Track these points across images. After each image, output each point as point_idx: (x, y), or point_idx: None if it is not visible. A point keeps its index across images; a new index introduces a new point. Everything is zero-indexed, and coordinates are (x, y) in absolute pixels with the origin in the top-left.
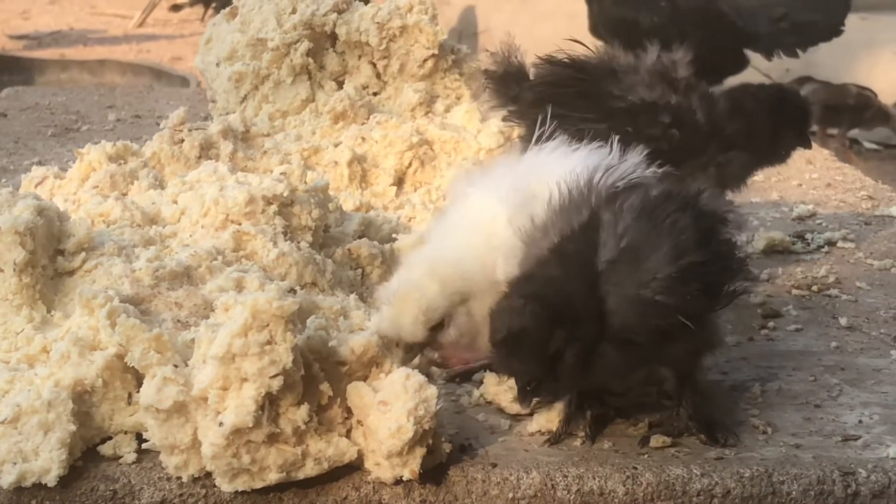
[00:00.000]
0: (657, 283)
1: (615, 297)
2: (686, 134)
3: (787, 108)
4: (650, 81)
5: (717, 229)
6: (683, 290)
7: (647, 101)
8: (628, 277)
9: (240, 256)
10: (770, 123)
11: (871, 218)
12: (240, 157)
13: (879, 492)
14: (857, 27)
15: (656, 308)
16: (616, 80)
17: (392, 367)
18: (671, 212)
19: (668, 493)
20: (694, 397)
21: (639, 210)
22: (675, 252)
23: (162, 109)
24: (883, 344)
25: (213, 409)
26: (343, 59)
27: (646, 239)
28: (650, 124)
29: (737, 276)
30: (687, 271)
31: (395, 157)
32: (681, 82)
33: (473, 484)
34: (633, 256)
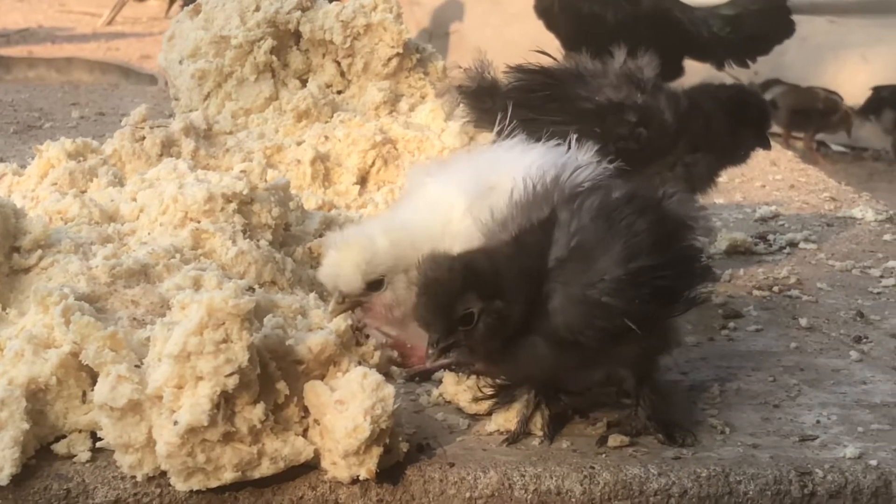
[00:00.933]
0: (604, 285)
1: (561, 296)
2: (653, 133)
3: (746, 107)
4: (617, 83)
5: (678, 234)
6: (632, 294)
7: (613, 101)
8: (576, 277)
9: (198, 254)
10: (729, 123)
11: (834, 219)
12: (202, 155)
13: (836, 492)
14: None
15: (602, 310)
16: (583, 83)
17: (350, 366)
18: (628, 214)
19: (625, 493)
20: (652, 397)
21: (597, 211)
22: (627, 254)
23: (126, 107)
24: (842, 345)
25: (168, 407)
26: (307, 58)
27: (599, 240)
28: (617, 124)
29: (697, 283)
30: (637, 275)
31: (358, 156)
32: (647, 83)
33: (431, 483)
34: (584, 256)
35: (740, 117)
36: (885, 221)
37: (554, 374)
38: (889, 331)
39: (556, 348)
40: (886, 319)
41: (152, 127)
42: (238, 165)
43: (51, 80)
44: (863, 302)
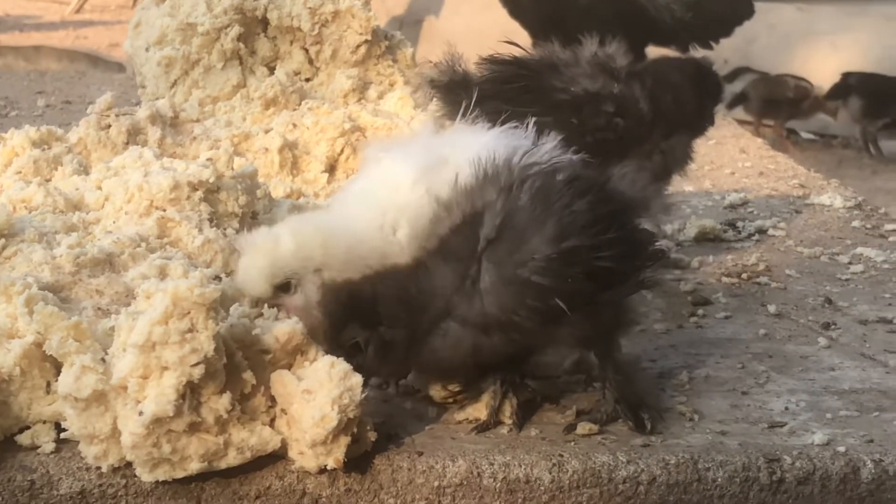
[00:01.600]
0: (535, 264)
1: (492, 276)
2: (630, 122)
3: (707, 80)
4: (592, 72)
5: (622, 215)
6: (564, 273)
7: (590, 91)
8: (507, 256)
9: (164, 243)
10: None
11: (802, 206)
12: (168, 143)
13: (804, 478)
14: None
15: (533, 289)
16: (558, 74)
17: (317, 354)
18: (567, 194)
19: (593, 481)
20: (617, 378)
21: (536, 191)
22: (559, 234)
23: (93, 95)
24: (811, 331)
25: (133, 398)
26: (275, 45)
27: (532, 220)
28: (594, 115)
29: (647, 265)
30: (570, 254)
31: (326, 144)
32: (621, 71)
33: (399, 472)
34: (515, 236)
35: (705, 89)
36: (854, 208)
37: (484, 358)
38: (857, 317)
39: (486, 331)
40: (854, 306)
41: (118, 115)
42: (205, 153)
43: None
44: (831, 288)
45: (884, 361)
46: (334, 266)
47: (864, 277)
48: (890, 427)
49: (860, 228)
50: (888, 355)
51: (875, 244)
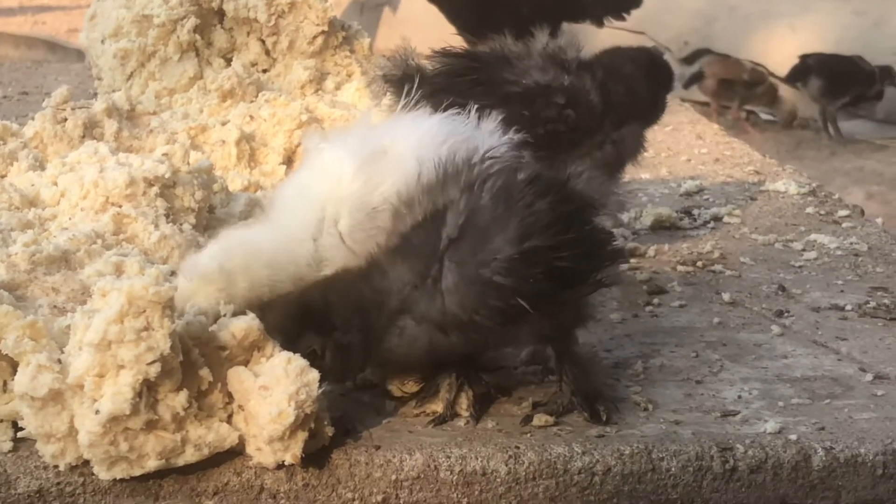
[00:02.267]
0: (497, 264)
1: (454, 275)
2: (581, 114)
3: (657, 69)
4: (543, 65)
5: (582, 216)
6: (526, 273)
7: (541, 83)
8: (470, 256)
9: (120, 240)
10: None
11: (757, 193)
12: (125, 136)
13: (756, 467)
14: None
15: (495, 289)
16: (510, 66)
17: (274, 350)
18: (529, 194)
19: (549, 472)
20: (574, 370)
21: (498, 190)
22: (521, 234)
23: (50, 86)
24: (764, 319)
25: (90, 396)
26: (231, 36)
27: (495, 219)
28: (546, 106)
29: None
30: (532, 254)
31: (284, 136)
32: (572, 63)
33: (356, 466)
34: (478, 236)
35: (657, 79)
36: (808, 194)
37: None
38: (810, 304)
39: (445, 330)
40: (808, 293)
41: (74, 108)
42: (160, 148)
43: None
44: (785, 276)
45: (836, 349)
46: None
47: (817, 264)
48: (841, 414)
49: (814, 215)
50: (840, 342)
51: (829, 230)
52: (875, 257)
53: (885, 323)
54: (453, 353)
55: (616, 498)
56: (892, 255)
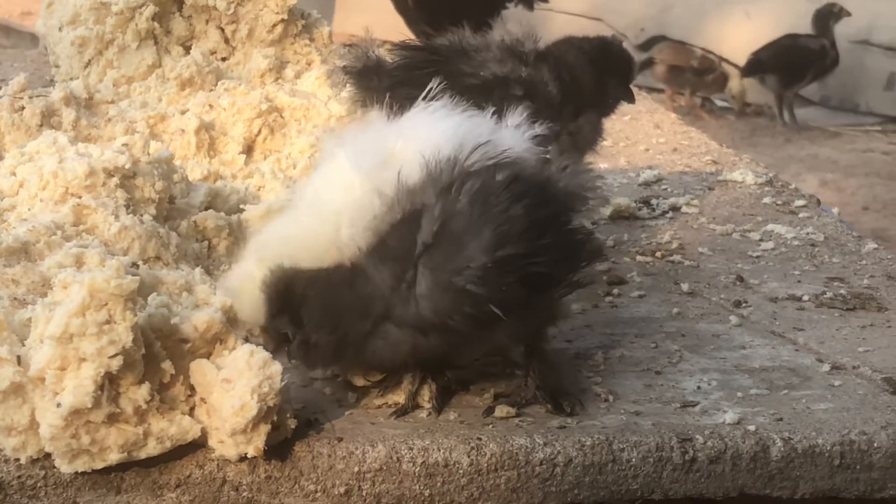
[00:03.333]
0: (470, 273)
1: (428, 281)
2: (539, 105)
3: (609, 58)
4: (501, 57)
5: (559, 219)
6: (499, 282)
7: (499, 75)
8: (444, 263)
9: (80, 231)
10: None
11: (715, 183)
12: (83, 125)
13: (716, 457)
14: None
15: (468, 297)
16: (468, 59)
17: (237, 343)
18: (505, 199)
19: (511, 463)
20: (542, 367)
21: (475, 195)
22: (495, 242)
23: (6, 72)
24: (722, 309)
25: (51, 389)
26: (190, 24)
27: (470, 225)
28: (504, 98)
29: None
30: (505, 263)
31: (243, 125)
32: (529, 55)
33: (319, 458)
34: (453, 242)
35: (604, 67)
36: (765, 184)
37: (420, 359)
38: (767, 295)
39: (423, 333)
40: (765, 283)
41: (31, 97)
42: (120, 138)
43: None
44: (742, 266)
45: (793, 339)
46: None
47: (774, 254)
48: (799, 405)
49: (771, 205)
50: (797, 333)
51: (785, 220)
52: (831, 247)
53: (842, 313)
54: (435, 354)
55: (577, 488)
56: (847, 245)
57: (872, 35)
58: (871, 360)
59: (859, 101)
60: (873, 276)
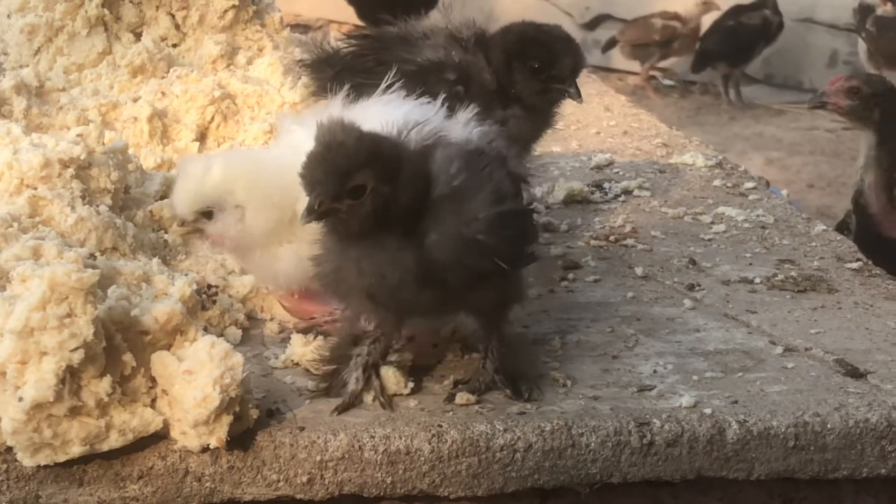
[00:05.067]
0: (478, 224)
1: (436, 234)
2: (474, 90)
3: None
4: (439, 43)
5: (520, 190)
6: (502, 234)
7: (433, 60)
8: (452, 215)
9: (36, 222)
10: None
11: (666, 166)
12: (34, 114)
13: (673, 441)
14: None
15: (476, 247)
16: (408, 46)
17: (197, 334)
18: (490, 163)
19: (472, 450)
20: (501, 350)
21: (462, 157)
22: (496, 197)
23: None
24: (676, 293)
25: (12, 383)
26: (140, 10)
27: (470, 182)
28: (437, 83)
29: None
30: (506, 217)
31: (196, 112)
32: (468, 41)
33: (281, 448)
34: (460, 196)
35: (526, 59)
36: (715, 167)
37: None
38: (720, 278)
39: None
40: (717, 266)
41: None
42: (74, 129)
43: None
44: (695, 249)
45: (746, 322)
46: (254, 205)
47: (725, 237)
48: (753, 387)
49: (721, 187)
50: (750, 315)
51: (736, 203)
52: (781, 229)
53: (793, 295)
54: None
55: (537, 473)
56: (797, 227)
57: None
58: (822, 341)
59: (802, 78)
60: (823, 258)
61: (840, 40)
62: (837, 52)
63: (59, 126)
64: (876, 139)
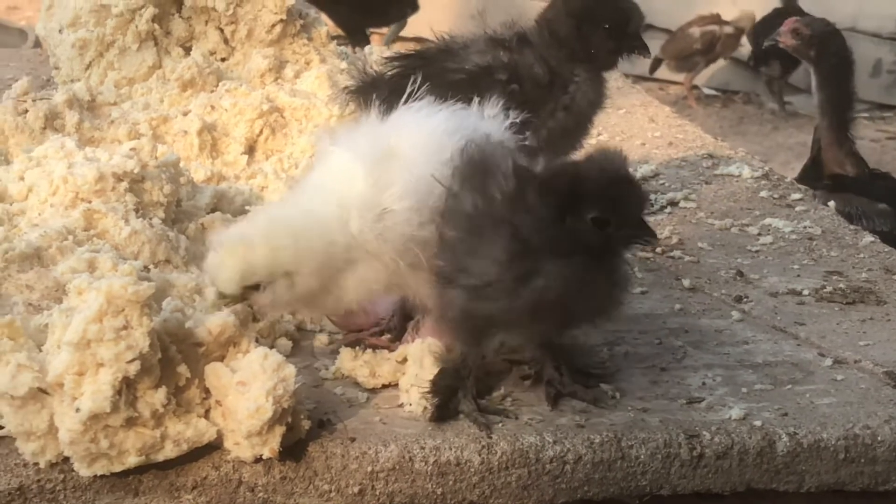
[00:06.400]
0: None
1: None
2: (528, 87)
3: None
4: (483, 49)
5: None
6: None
7: (481, 65)
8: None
9: (91, 235)
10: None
11: (712, 177)
12: (86, 128)
13: (723, 453)
14: None
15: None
16: (451, 56)
17: (250, 346)
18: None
19: (522, 461)
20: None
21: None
22: None
23: (1, 72)
24: (724, 304)
25: (70, 394)
26: (189, 25)
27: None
28: (490, 86)
29: None
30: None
31: (245, 126)
32: (511, 41)
33: (332, 459)
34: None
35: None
36: (761, 178)
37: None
38: (768, 289)
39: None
40: (765, 278)
41: (35, 100)
42: (127, 143)
43: None
44: (742, 261)
45: (795, 333)
46: (304, 270)
47: (773, 248)
48: (802, 399)
49: (768, 198)
50: (798, 327)
51: (783, 214)
52: (829, 241)
53: (842, 307)
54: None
55: (587, 485)
56: (844, 238)
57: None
58: (872, 353)
59: None
60: (871, 270)
61: (884, 49)
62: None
63: (111, 140)
64: (817, 79)
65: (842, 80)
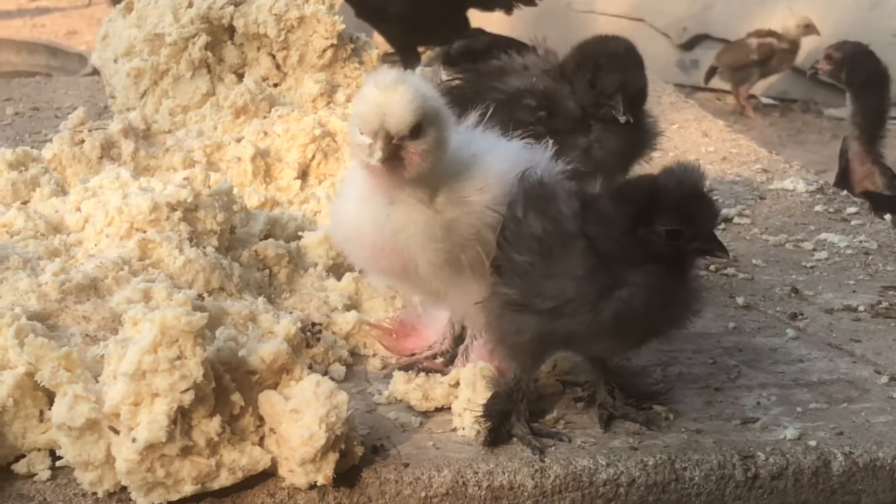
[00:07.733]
0: None
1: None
2: (559, 116)
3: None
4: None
5: None
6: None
7: (518, 88)
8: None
9: (146, 265)
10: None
11: (766, 192)
12: (142, 156)
13: (778, 474)
14: None
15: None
16: (502, 76)
17: (303, 373)
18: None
19: (575, 485)
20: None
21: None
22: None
23: (60, 100)
24: (779, 322)
25: (126, 424)
26: (242, 52)
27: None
28: (520, 109)
29: None
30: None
31: (298, 151)
32: (555, 70)
33: (386, 485)
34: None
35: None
36: (816, 192)
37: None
38: (823, 306)
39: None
40: (820, 294)
41: (91, 130)
42: (181, 172)
43: None
44: (797, 277)
45: (850, 351)
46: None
47: (828, 264)
48: (858, 418)
49: (823, 213)
50: (854, 344)
51: (838, 229)
52: (885, 255)
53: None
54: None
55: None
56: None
57: None
58: None
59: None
60: None
61: None
62: None
63: (166, 167)
64: (849, 96)
65: (872, 97)
